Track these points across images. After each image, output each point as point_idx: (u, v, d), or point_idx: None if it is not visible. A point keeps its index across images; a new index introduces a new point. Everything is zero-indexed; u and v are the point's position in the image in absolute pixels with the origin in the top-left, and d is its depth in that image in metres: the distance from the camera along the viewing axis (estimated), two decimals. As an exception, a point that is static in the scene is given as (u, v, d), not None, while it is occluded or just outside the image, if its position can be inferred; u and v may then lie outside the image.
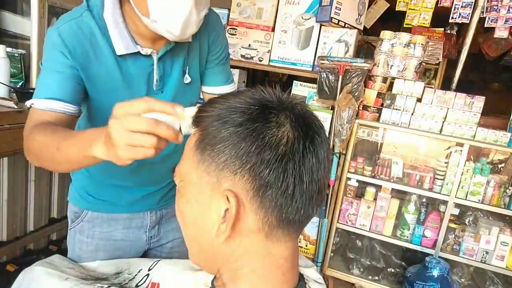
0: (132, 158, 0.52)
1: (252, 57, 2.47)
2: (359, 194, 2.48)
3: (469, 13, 2.28)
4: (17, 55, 1.57)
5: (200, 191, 0.49)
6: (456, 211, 2.25)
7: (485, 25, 2.29)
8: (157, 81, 0.91)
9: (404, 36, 2.21)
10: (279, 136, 0.46)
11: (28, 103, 0.82)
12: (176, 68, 0.94)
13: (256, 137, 0.45)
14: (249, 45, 2.46)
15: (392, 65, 2.24)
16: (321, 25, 2.30)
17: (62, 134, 0.69)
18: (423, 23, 2.43)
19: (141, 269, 0.79)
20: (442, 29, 2.98)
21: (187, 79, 0.97)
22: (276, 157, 0.45)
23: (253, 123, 0.46)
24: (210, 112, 0.49)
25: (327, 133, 2.37)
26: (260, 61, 2.46)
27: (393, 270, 2.48)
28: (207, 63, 1.04)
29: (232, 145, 0.46)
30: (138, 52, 0.86)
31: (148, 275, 0.76)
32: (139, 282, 0.75)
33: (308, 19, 2.31)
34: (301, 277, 0.56)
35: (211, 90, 1.07)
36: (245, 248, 0.50)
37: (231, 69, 2.80)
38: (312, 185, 0.48)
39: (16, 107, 1.38)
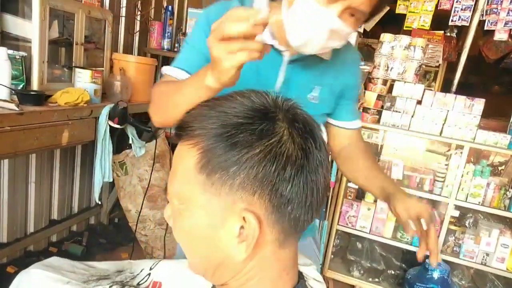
0: (235, 65, 0.52)
1: (252, 60, 2.47)
2: (359, 196, 2.48)
3: (469, 16, 2.29)
4: (18, 57, 1.57)
5: (210, 213, 0.48)
6: (456, 213, 2.25)
7: (485, 28, 2.30)
8: (281, 82, 0.89)
9: (404, 39, 2.21)
10: (293, 150, 0.45)
11: (162, 70, 0.90)
12: (303, 80, 0.91)
13: (274, 157, 0.44)
14: (250, 47, 2.46)
15: (392, 68, 2.24)
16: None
17: (182, 81, 0.75)
18: (423, 26, 2.44)
19: (143, 269, 0.79)
20: (442, 31, 2.98)
21: (313, 97, 0.94)
22: (296, 172, 0.45)
23: (266, 141, 0.44)
24: (208, 130, 0.46)
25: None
26: (261, 63, 2.46)
27: (393, 272, 2.48)
28: (340, 98, 1.02)
29: (249, 168, 0.44)
30: (272, 46, 0.86)
31: (149, 274, 0.76)
32: (140, 281, 0.75)
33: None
34: (300, 275, 0.57)
35: (339, 124, 1.05)
36: (258, 260, 0.50)
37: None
38: (323, 188, 0.49)
39: (17, 109, 1.38)
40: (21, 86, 1.60)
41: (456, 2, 2.33)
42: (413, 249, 2.33)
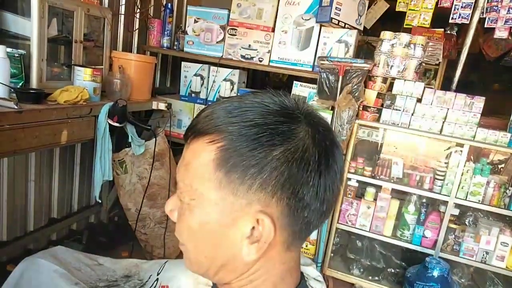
0: None
1: (252, 58, 2.47)
2: (359, 194, 2.48)
3: (469, 14, 2.28)
4: (17, 55, 1.56)
5: (222, 211, 0.46)
6: (456, 212, 2.25)
7: (485, 26, 2.30)
8: None
9: (404, 37, 2.21)
10: (318, 154, 0.45)
11: None
12: None
13: (298, 160, 0.44)
14: (249, 45, 2.46)
15: (392, 66, 2.24)
16: (321, 26, 2.30)
17: None
18: (423, 24, 2.43)
19: (151, 275, 0.78)
20: (442, 29, 2.97)
21: None
22: (319, 177, 0.45)
23: (290, 143, 0.44)
24: (229, 127, 0.45)
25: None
26: (260, 61, 2.46)
27: (393, 271, 2.48)
28: None
29: (271, 169, 0.43)
30: None
31: (157, 279, 0.75)
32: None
33: (308, 19, 2.31)
34: (302, 275, 0.57)
35: None
36: (265, 261, 0.49)
37: (231, 70, 2.81)
38: (336, 194, 0.49)
39: (16, 107, 1.38)
40: (20, 84, 1.60)
41: (456, -1, 2.32)
42: (412, 248, 2.33)
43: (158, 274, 0.76)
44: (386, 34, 2.24)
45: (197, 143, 0.48)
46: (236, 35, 2.48)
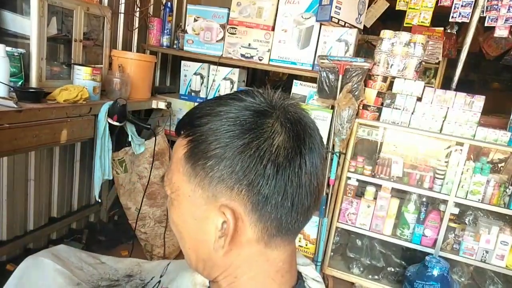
0: None
1: (252, 57, 2.47)
2: (359, 193, 2.48)
3: (469, 13, 2.28)
4: (16, 54, 1.56)
5: (195, 205, 0.47)
6: (456, 211, 2.25)
7: (485, 25, 2.30)
8: None
9: (404, 36, 2.20)
10: (276, 147, 0.44)
11: None
12: None
13: (252, 151, 0.43)
14: (249, 44, 2.46)
15: (392, 65, 2.24)
16: (321, 24, 2.29)
17: None
18: (423, 23, 2.43)
19: (153, 277, 0.78)
20: (442, 28, 2.97)
21: None
22: (275, 170, 0.43)
23: (247, 135, 0.43)
24: (202, 120, 0.46)
25: (327, 133, 2.34)
26: (260, 60, 2.46)
27: (393, 270, 2.48)
28: None
29: (227, 160, 0.43)
30: None
31: (159, 281, 0.75)
32: None
33: (308, 18, 2.31)
34: (299, 276, 0.56)
35: None
36: (244, 257, 0.49)
37: (231, 68, 2.81)
38: (310, 192, 0.47)
39: (15, 106, 1.38)
40: (19, 83, 1.60)
41: (457, -2, 2.32)
42: (412, 247, 2.34)
43: (161, 276, 0.76)
44: (386, 33, 2.24)
45: (178, 139, 0.51)
46: (236, 34, 2.47)
